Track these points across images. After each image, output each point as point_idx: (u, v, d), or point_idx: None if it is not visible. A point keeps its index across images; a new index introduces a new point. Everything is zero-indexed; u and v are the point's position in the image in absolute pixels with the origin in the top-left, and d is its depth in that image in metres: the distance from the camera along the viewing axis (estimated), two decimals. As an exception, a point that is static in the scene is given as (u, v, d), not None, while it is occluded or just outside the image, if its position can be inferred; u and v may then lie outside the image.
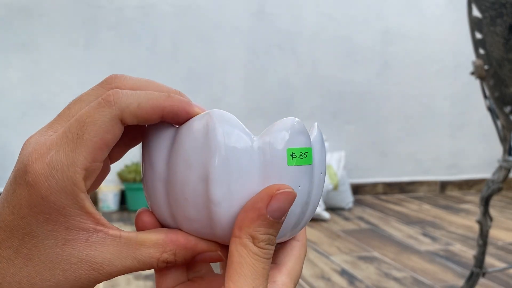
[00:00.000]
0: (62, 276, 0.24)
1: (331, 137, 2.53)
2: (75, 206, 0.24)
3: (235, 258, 0.24)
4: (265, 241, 0.24)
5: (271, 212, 0.24)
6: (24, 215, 0.23)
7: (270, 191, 0.24)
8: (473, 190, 2.85)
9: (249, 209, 0.25)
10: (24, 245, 0.24)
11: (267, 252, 0.25)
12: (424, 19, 2.67)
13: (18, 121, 2.16)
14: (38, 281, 0.24)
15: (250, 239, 0.24)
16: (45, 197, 0.23)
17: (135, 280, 1.41)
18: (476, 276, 1.16)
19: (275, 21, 2.44)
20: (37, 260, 0.24)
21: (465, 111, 2.80)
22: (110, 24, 2.22)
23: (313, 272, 1.50)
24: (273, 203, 0.24)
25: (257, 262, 0.24)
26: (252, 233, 0.24)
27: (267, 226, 0.24)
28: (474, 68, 1.07)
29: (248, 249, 0.24)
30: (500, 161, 1.11)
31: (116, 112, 0.24)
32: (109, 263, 0.24)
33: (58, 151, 0.23)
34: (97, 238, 0.24)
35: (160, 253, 0.25)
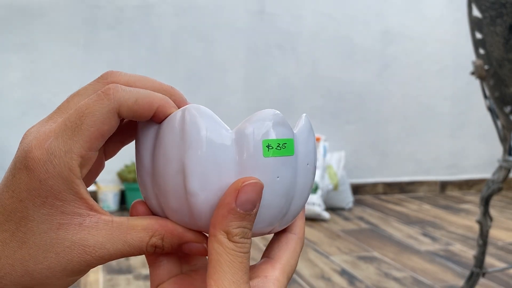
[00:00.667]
0: (55, 259, 0.25)
1: (331, 137, 2.53)
2: (70, 191, 0.25)
3: (213, 256, 0.25)
4: (239, 234, 0.25)
5: (240, 205, 0.25)
6: (22, 198, 0.24)
7: (236, 185, 0.25)
8: (473, 190, 2.85)
9: (220, 206, 0.25)
10: (20, 228, 0.24)
11: (242, 246, 0.25)
12: (424, 19, 2.67)
13: (18, 121, 2.16)
14: (31, 264, 0.25)
15: (225, 235, 0.25)
16: (43, 181, 0.24)
17: (135, 280, 1.41)
18: (476, 276, 1.16)
19: (275, 21, 2.44)
20: (31, 244, 0.24)
21: (465, 111, 2.80)
22: (110, 24, 2.22)
23: (313, 272, 1.50)
24: (241, 196, 0.25)
25: (234, 257, 0.25)
26: (225, 228, 0.25)
27: (239, 219, 0.25)
28: (474, 68, 1.07)
29: (224, 245, 0.25)
30: (500, 161, 1.11)
31: (114, 105, 0.25)
32: (101, 247, 0.25)
33: (57, 138, 0.25)
34: (90, 222, 0.25)
35: (149, 237, 0.26)
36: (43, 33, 2.14)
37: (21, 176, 0.25)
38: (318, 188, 2.14)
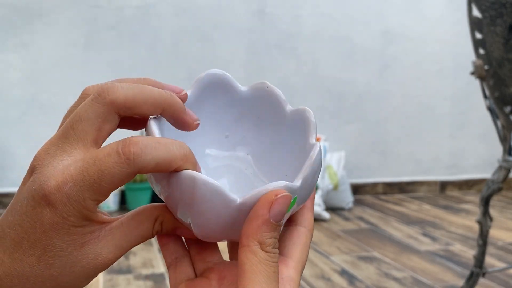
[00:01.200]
0: (81, 271, 0.27)
1: (331, 137, 2.53)
2: (88, 221, 0.27)
3: (247, 266, 0.26)
4: (271, 244, 0.26)
5: (273, 217, 0.26)
6: (45, 230, 0.26)
7: (269, 198, 0.26)
8: (473, 190, 2.85)
9: (253, 217, 0.26)
10: (46, 253, 0.26)
11: (274, 256, 0.26)
12: (424, 19, 2.67)
13: (17, 120, 2.16)
14: (60, 277, 0.27)
15: (258, 245, 0.26)
16: (66, 218, 0.26)
17: (135, 280, 1.41)
18: (476, 276, 1.16)
19: (275, 21, 2.44)
20: (58, 264, 0.27)
21: (465, 111, 2.80)
22: (110, 24, 2.22)
23: (313, 272, 1.50)
24: (274, 207, 0.26)
25: (268, 267, 0.26)
26: (260, 239, 0.26)
27: (271, 230, 0.26)
28: (474, 68, 1.07)
29: (258, 255, 0.26)
30: (500, 161, 1.11)
31: (133, 170, 0.26)
32: (119, 247, 0.28)
33: (75, 186, 0.26)
34: (105, 232, 0.28)
35: (153, 225, 0.29)
36: (43, 33, 2.14)
37: (42, 210, 0.26)
38: (318, 188, 2.14)
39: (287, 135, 0.32)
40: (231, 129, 0.33)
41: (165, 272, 1.48)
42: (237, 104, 0.32)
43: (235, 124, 0.33)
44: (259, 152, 0.34)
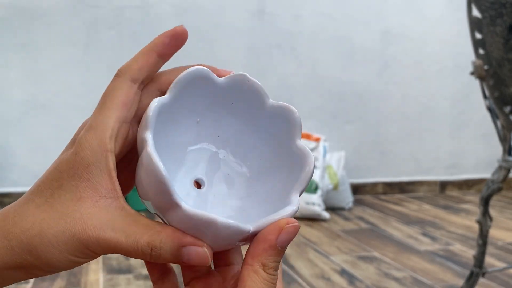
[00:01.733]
0: (63, 226, 0.27)
1: (331, 137, 2.53)
2: (98, 165, 0.27)
3: (248, 283, 0.27)
4: (273, 268, 0.27)
5: (280, 243, 0.27)
6: (61, 169, 0.28)
7: (280, 225, 0.27)
8: (473, 190, 2.86)
9: (261, 240, 0.27)
10: (54, 195, 0.28)
11: (274, 278, 0.28)
12: (424, 19, 2.67)
13: (18, 121, 2.16)
14: (45, 226, 0.27)
15: (261, 266, 0.27)
16: (77, 153, 0.27)
17: (135, 280, 1.41)
18: (476, 276, 1.16)
19: (275, 21, 2.44)
20: (54, 209, 0.27)
21: (465, 111, 2.80)
22: (110, 24, 2.22)
23: (313, 272, 1.50)
24: (283, 235, 0.27)
25: (267, 285, 0.27)
26: (263, 261, 0.27)
27: (276, 255, 0.27)
28: (474, 68, 1.07)
29: (260, 275, 0.27)
30: (500, 161, 1.11)
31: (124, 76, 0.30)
32: (101, 229, 0.27)
33: (91, 118, 0.29)
34: (104, 203, 0.27)
35: (148, 235, 0.27)
36: (44, 33, 2.14)
37: (67, 153, 0.28)
38: (318, 188, 2.14)
39: (264, 123, 0.32)
40: (202, 116, 0.33)
41: (165, 272, 1.48)
42: (212, 94, 0.32)
43: (207, 111, 0.33)
44: (231, 135, 0.33)
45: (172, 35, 0.32)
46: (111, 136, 0.28)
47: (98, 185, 0.27)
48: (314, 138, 2.28)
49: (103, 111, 0.28)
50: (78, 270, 1.48)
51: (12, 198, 2.15)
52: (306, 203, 2.10)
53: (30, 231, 0.27)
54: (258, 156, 0.32)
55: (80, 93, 2.21)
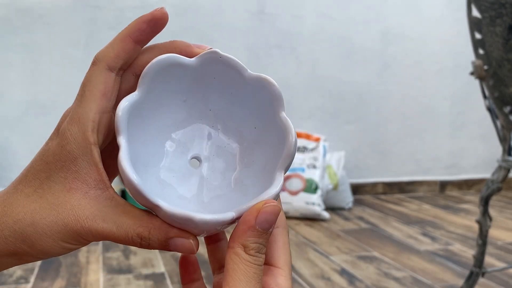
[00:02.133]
0: (55, 217, 0.28)
1: (331, 137, 2.53)
2: (84, 158, 0.28)
3: (230, 265, 0.27)
4: (255, 249, 0.27)
5: (259, 224, 0.27)
6: (48, 161, 0.29)
7: (258, 206, 0.28)
8: (473, 190, 2.86)
9: (241, 222, 0.28)
10: (42, 186, 0.28)
11: (257, 259, 0.27)
12: (424, 19, 2.67)
13: (18, 120, 2.16)
14: (37, 216, 0.28)
15: (242, 248, 0.27)
16: (63, 146, 0.28)
17: (135, 280, 1.42)
18: (475, 275, 1.17)
19: (275, 21, 2.44)
20: (44, 200, 0.28)
21: (465, 111, 2.81)
22: (111, 25, 2.22)
23: (313, 272, 1.51)
24: (261, 216, 0.27)
25: (249, 267, 0.27)
26: (243, 242, 0.27)
27: (256, 236, 0.27)
28: (473, 68, 1.08)
29: (240, 256, 0.27)
30: (500, 161, 1.11)
31: (100, 64, 0.30)
32: (93, 219, 0.28)
33: (72, 109, 0.29)
34: (94, 194, 0.28)
35: (137, 226, 0.28)
36: (44, 34, 2.15)
37: (51, 143, 0.29)
38: (318, 188, 2.14)
39: (247, 96, 0.32)
40: (188, 94, 0.33)
41: (165, 271, 1.48)
42: (188, 76, 0.32)
43: (190, 92, 0.33)
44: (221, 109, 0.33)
45: (150, 20, 0.31)
46: (93, 128, 0.28)
47: (86, 177, 0.28)
48: (314, 138, 2.28)
49: (83, 102, 0.29)
50: (78, 270, 1.49)
51: (12, 198, 2.15)
52: (306, 203, 2.10)
53: (22, 222, 0.28)
54: (250, 127, 0.33)
55: (80, 93, 2.21)
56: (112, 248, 1.70)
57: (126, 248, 1.71)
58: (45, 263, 1.54)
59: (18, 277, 1.42)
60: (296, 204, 2.11)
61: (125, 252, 1.66)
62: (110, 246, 1.72)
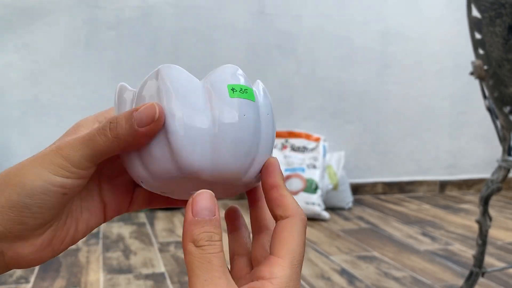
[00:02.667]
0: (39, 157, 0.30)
1: (330, 137, 2.54)
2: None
3: (187, 266, 0.27)
4: (205, 238, 0.27)
5: (197, 214, 0.27)
6: None
7: (189, 201, 0.28)
8: (473, 190, 2.86)
9: (183, 223, 0.28)
10: None
11: (208, 248, 0.27)
12: (424, 19, 2.67)
13: (18, 120, 2.16)
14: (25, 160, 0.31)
15: (192, 244, 0.27)
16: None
17: (135, 280, 1.42)
18: (475, 275, 1.17)
19: (275, 21, 2.44)
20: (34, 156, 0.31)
21: (465, 111, 2.81)
22: (111, 25, 2.22)
23: (312, 272, 1.51)
24: (194, 207, 0.28)
25: (202, 259, 0.27)
26: (191, 237, 0.27)
27: (200, 226, 0.27)
28: (473, 68, 1.08)
29: (193, 253, 0.27)
30: (500, 161, 1.11)
31: None
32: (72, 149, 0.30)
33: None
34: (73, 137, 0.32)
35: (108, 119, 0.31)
36: (44, 33, 2.15)
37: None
38: (318, 188, 2.14)
39: None
40: None
41: (165, 271, 1.48)
42: None
43: None
44: None
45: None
46: None
47: None
48: (314, 138, 2.28)
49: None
50: (78, 270, 1.49)
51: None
52: (306, 203, 2.10)
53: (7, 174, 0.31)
54: None
55: (80, 93, 2.21)
56: (112, 248, 1.70)
57: (126, 248, 1.71)
58: (45, 263, 1.54)
59: (18, 277, 1.42)
60: (296, 204, 2.11)
61: (125, 252, 1.66)
62: (110, 246, 1.72)
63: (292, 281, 0.29)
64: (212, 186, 0.31)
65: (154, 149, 0.30)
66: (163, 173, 0.30)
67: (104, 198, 0.35)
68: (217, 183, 0.31)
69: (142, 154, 0.30)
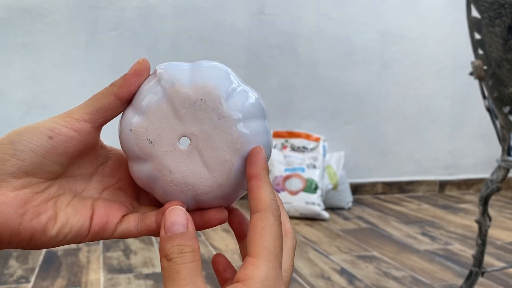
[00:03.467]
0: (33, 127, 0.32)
1: (330, 137, 2.54)
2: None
3: (164, 281, 0.27)
4: (175, 252, 0.27)
5: (168, 230, 0.28)
6: None
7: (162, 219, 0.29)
8: (472, 190, 2.86)
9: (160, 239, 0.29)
10: None
11: (177, 260, 0.27)
12: (424, 19, 2.67)
13: (19, 121, 2.16)
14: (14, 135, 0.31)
15: (164, 259, 0.28)
16: None
17: (135, 280, 1.42)
18: (475, 275, 1.17)
19: (275, 22, 2.44)
20: None
21: (464, 111, 2.81)
22: (111, 25, 2.22)
23: (312, 272, 1.51)
24: (165, 223, 0.28)
25: (170, 271, 0.27)
26: (163, 253, 0.28)
27: (172, 241, 0.28)
28: (473, 69, 1.08)
29: (164, 268, 0.27)
30: (499, 161, 1.12)
31: None
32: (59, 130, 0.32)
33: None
34: None
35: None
36: (44, 34, 2.15)
37: None
38: (317, 188, 2.14)
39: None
40: None
41: (165, 271, 1.48)
42: None
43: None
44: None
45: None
46: None
47: None
48: (314, 138, 2.28)
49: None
50: (78, 270, 1.49)
51: (12, 198, 2.16)
52: (306, 203, 2.11)
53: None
54: None
55: (80, 93, 2.21)
56: (112, 248, 1.70)
57: (126, 247, 1.71)
58: (45, 263, 1.54)
59: (19, 277, 1.43)
60: (296, 204, 2.12)
61: (125, 251, 1.67)
62: (110, 246, 1.72)
63: (270, 279, 0.27)
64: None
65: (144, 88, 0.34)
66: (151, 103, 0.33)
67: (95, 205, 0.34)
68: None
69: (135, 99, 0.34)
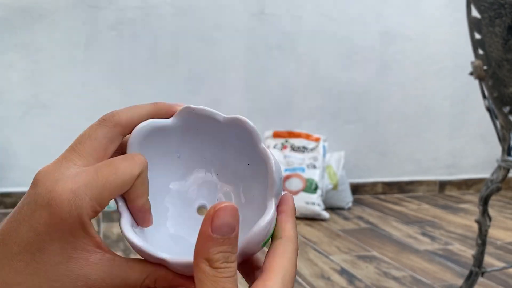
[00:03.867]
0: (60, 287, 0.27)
1: (330, 137, 2.54)
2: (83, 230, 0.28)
3: (197, 282, 0.25)
4: (220, 260, 0.25)
5: (216, 231, 0.25)
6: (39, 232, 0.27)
7: (209, 212, 0.25)
8: (472, 190, 2.86)
9: (199, 235, 0.25)
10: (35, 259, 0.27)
11: (224, 271, 0.25)
12: (424, 19, 2.67)
13: (19, 121, 2.16)
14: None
15: (206, 263, 0.25)
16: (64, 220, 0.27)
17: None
18: (475, 275, 1.17)
19: (275, 22, 2.44)
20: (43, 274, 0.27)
21: (464, 111, 2.81)
22: (111, 25, 2.22)
23: (312, 272, 1.51)
24: (215, 221, 0.25)
25: (216, 283, 0.25)
26: (206, 256, 0.25)
27: (217, 245, 0.25)
28: (473, 69, 1.08)
29: (206, 273, 0.25)
30: (499, 161, 1.12)
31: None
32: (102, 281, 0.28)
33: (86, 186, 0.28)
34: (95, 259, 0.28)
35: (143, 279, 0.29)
36: (44, 34, 2.15)
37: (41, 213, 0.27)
38: (317, 188, 2.14)
39: (228, 138, 0.34)
40: (180, 150, 0.35)
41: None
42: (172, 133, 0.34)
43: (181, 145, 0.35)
44: (211, 156, 0.35)
45: None
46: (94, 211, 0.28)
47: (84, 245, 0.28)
48: (314, 138, 2.28)
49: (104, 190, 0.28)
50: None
51: (13, 198, 2.16)
52: (306, 203, 2.11)
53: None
54: (243, 165, 0.34)
55: (80, 93, 2.21)
56: (112, 248, 1.70)
57: (127, 248, 1.71)
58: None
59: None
60: (296, 203, 2.11)
61: (125, 252, 1.67)
62: (110, 246, 1.72)
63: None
64: None
65: None
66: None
67: None
68: None
69: None
